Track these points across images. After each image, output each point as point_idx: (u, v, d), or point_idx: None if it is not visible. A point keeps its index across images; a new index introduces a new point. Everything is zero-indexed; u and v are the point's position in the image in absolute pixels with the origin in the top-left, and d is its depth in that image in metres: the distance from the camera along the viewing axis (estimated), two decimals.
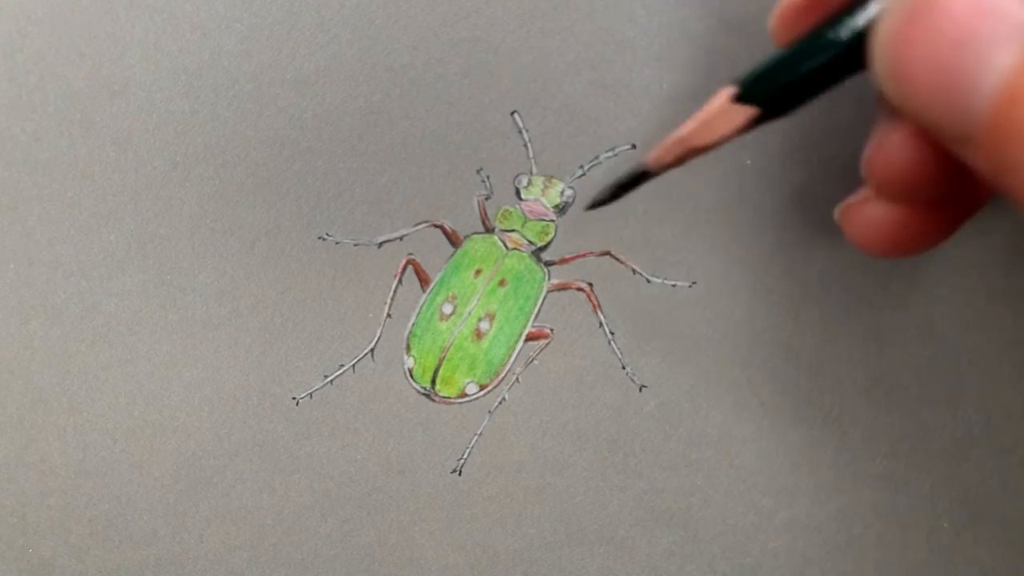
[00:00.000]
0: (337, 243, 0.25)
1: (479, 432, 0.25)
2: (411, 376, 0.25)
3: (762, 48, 0.25)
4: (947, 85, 0.13)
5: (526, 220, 0.25)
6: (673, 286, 0.25)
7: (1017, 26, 0.12)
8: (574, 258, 0.25)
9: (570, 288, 0.25)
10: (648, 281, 0.25)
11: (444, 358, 0.25)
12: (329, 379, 0.25)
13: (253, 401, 0.25)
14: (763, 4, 0.25)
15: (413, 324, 0.25)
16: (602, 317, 0.25)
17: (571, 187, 0.25)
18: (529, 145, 0.25)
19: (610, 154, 0.25)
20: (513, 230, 0.26)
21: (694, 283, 0.25)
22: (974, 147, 0.13)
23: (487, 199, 0.25)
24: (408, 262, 0.25)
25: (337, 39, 0.25)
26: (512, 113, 0.25)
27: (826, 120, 0.25)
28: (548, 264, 0.26)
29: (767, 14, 0.25)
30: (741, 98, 0.16)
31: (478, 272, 0.26)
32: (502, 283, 0.26)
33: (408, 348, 0.25)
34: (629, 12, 0.25)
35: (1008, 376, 0.25)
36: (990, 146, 0.13)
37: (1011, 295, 0.25)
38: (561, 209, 0.25)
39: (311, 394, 0.25)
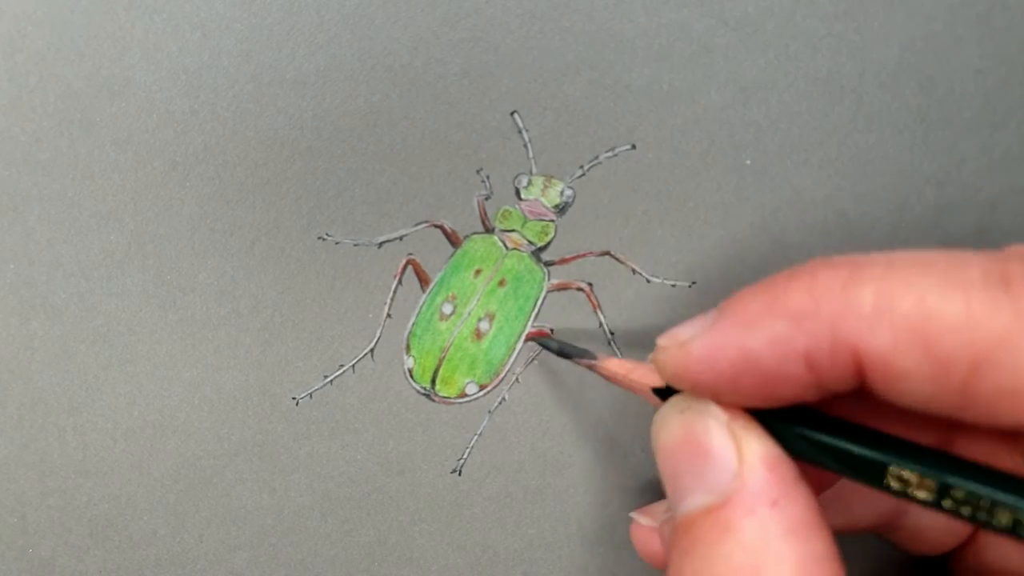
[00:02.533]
0: (337, 243, 0.25)
1: (479, 432, 0.25)
2: (411, 376, 0.25)
3: (762, 48, 0.25)
4: (670, 486, 0.18)
5: (526, 220, 0.25)
6: (673, 286, 0.25)
7: (715, 486, 0.17)
8: (574, 258, 0.25)
9: (570, 288, 0.25)
10: (648, 281, 0.25)
11: (444, 358, 0.25)
12: (329, 379, 0.25)
13: (253, 401, 0.25)
14: (763, 4, 0.25)
15: (413, 324, 0.25)
16: (602, 317, 0.25)
17: (571, 187, 0.25)
18: (529, 145, 0.25)
19: (610, 154, 0.25)
20: (513, 230, 0.26)
21: (694, 283, 0.25)
22: (671, 529, 0.18)
23: (487, 199, 0.25)
24: (408, 262, 0.25)
25: (337, 39, 0.25)
26: (512, 113, 0.25)
27: (825, 120, 0.25)
28: (548, 264, 0.26)
29: (767, 14, 0.25)
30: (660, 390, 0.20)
31: (478, 272, 0.26)
32: (502, 283, 0.26)
33: (408, 348, 0.25)
34: (629, 12, 0.25)
35: None
36: (669, 546, 0.17)
37: None
38: (561, 209, 0.25)
39: (311, 394, 0.25)
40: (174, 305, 0.25)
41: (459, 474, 0.25)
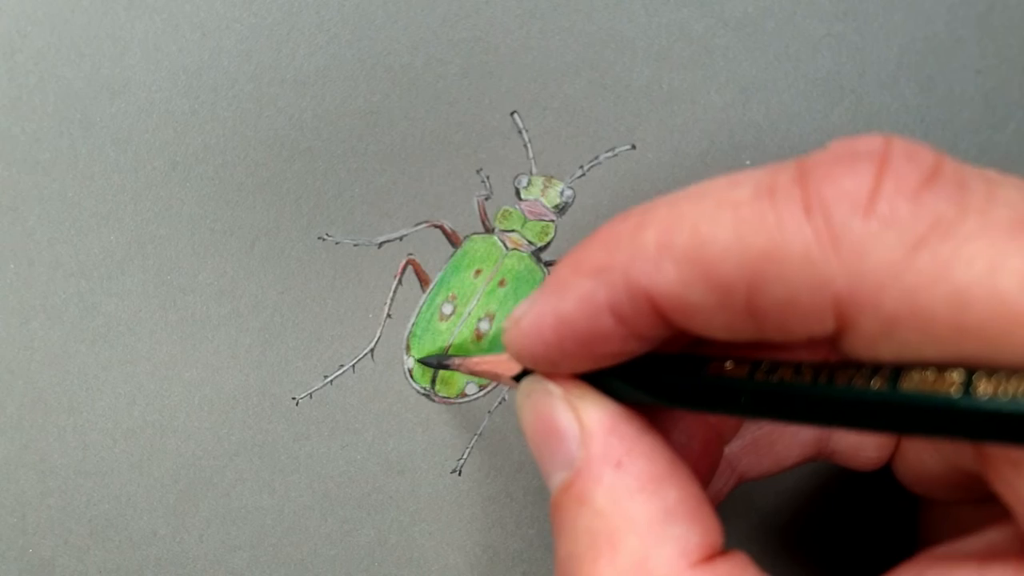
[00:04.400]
0: (337, 243, 0.25)
1: (479, 432, 0.25)
2: (411, 376, 0.25)
3: (762, 48, 0.25)
4: (540, 470, 0.18)
5: (526, 220, 0.25)
6: None
7: (568, 459, 0.17)
8: None
9: None
10: None
11: None
12: (329, 379, 0.25)
13: (253, 401, 0.25)
14: (763, 4, 0.25)
15: (413, 324, 0.25)
16: None
17: (571, 187, 0.25)
18: (529, 145, 0.25)
19: (610, 154, 0.25)
20: (513, 230, 0.26)
21: None
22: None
23: (487, 199, 0.25)
24: (408, 262, 0.25)
25: (337, 39, 0.25)
26: (512, 113, 0.25)
27: (825, 120, 0.25)
28: (548, 264, 0.26)
29: (767, 14, 0.25)
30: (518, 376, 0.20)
31: (478, 272, 0.26)
32: (502, 283, 0.26)
33: (408, 348, 0.25)
34: (629, 12, 0.25)
35: None
36: (552, 517, 0.18)
37: None
38: (561, 209, 0.25)
39: (311, 394, 0.25)
40: (174, 305, 0.25)
41: (459, 474, 0.25)
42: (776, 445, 0.22)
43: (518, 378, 0.20)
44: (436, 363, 0.25)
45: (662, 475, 0.16)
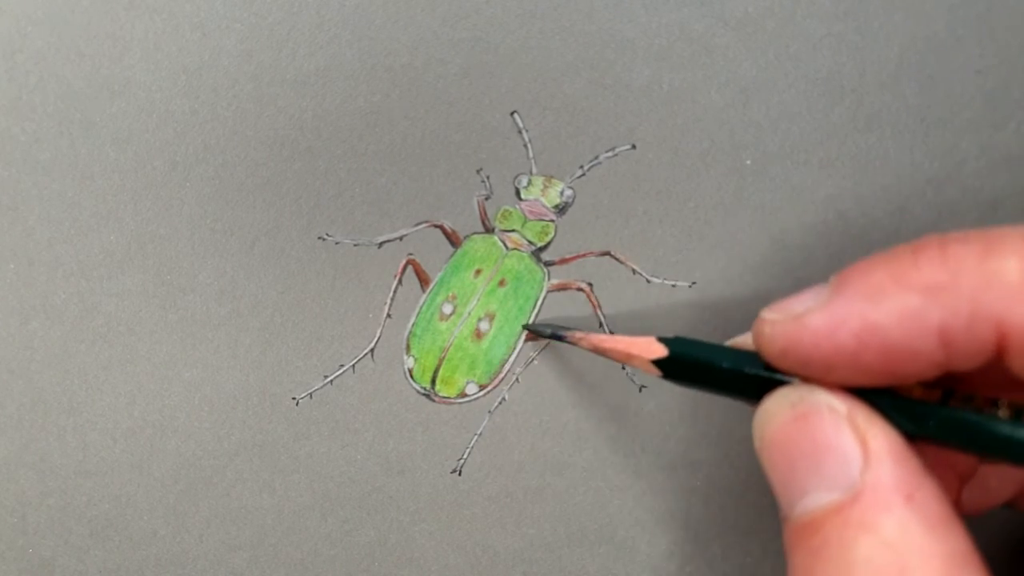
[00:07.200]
0: (337, 243, 0.25)
1: (479, 432, 0.25)
2: (411, 376, 0.25)
3: (762, 48, 0.25)
4: (783, 484, 0.17)
5: (526, 220, 0.25)
6: (673, 286, 0.25)
7: (842, 481, 0.16)
8: (574, 258, 0.25)
9: (570, 288, 0.25)
10: (648, 281, 0.25)
11: (444, 358, 0.25)
12: (329, 379, 0.25)
13: (253, 401, 0.25)
14: (763, 4, 0.25)
15: (413, 324, 0.25)
16: (602, 317, 0.25)
17: (571, 187, 0.25)
18: (529, 145, 0.25)
19: (610, 154, 0.25)
20: (513, 230, 0.26)
21: (694, 283, 0.25)
22: (786, 528, 0.17)
23: (487, 199, 0.25)
24: (408, 262, 0.25)
25: (337, 39, 0.25)
26: (512, 113, 0.25)
27: (826, 120, 0.25)
28: (548, 264, 0.26)
29: (767, 14, 0.25)
30: (662, 362, 0.19)
31: (478, 272, 0.26)
32: (502, 283, 0.26)
33: (408, 348, 0.25)
34: (629, 12, 0.25)
35: None
36: (788, 546, 0.16)
37: None
38: (561, 209, 0.25)
39: (311, 394, 0.25)
40: (174, 305, 0.25)
41: (459, 474, 0.25)
42: (991, 480, 0.21)
43: (661, 364, 0.18)
44: (550, 333, 0.23)
45: (950, 517, 0.15)
